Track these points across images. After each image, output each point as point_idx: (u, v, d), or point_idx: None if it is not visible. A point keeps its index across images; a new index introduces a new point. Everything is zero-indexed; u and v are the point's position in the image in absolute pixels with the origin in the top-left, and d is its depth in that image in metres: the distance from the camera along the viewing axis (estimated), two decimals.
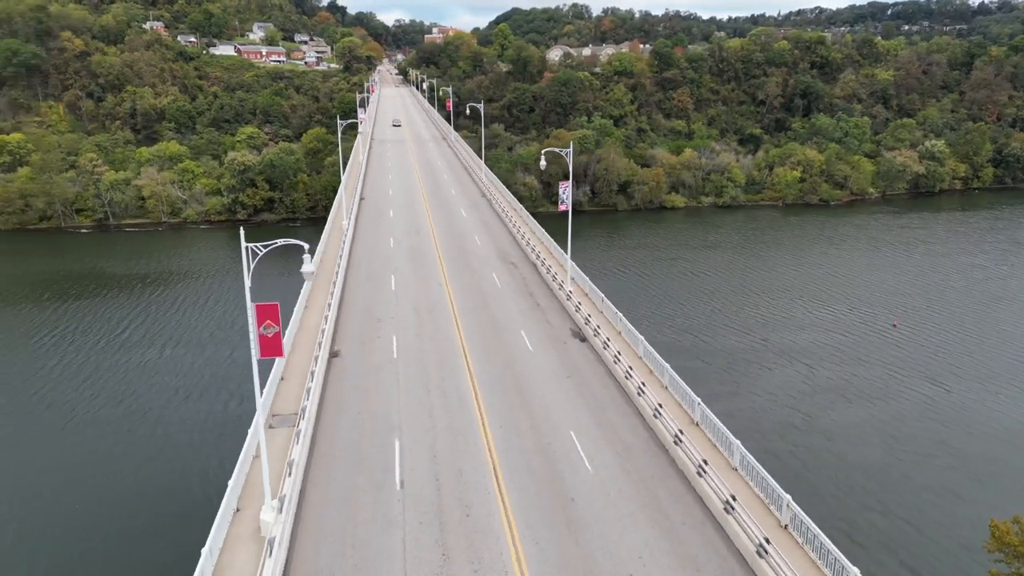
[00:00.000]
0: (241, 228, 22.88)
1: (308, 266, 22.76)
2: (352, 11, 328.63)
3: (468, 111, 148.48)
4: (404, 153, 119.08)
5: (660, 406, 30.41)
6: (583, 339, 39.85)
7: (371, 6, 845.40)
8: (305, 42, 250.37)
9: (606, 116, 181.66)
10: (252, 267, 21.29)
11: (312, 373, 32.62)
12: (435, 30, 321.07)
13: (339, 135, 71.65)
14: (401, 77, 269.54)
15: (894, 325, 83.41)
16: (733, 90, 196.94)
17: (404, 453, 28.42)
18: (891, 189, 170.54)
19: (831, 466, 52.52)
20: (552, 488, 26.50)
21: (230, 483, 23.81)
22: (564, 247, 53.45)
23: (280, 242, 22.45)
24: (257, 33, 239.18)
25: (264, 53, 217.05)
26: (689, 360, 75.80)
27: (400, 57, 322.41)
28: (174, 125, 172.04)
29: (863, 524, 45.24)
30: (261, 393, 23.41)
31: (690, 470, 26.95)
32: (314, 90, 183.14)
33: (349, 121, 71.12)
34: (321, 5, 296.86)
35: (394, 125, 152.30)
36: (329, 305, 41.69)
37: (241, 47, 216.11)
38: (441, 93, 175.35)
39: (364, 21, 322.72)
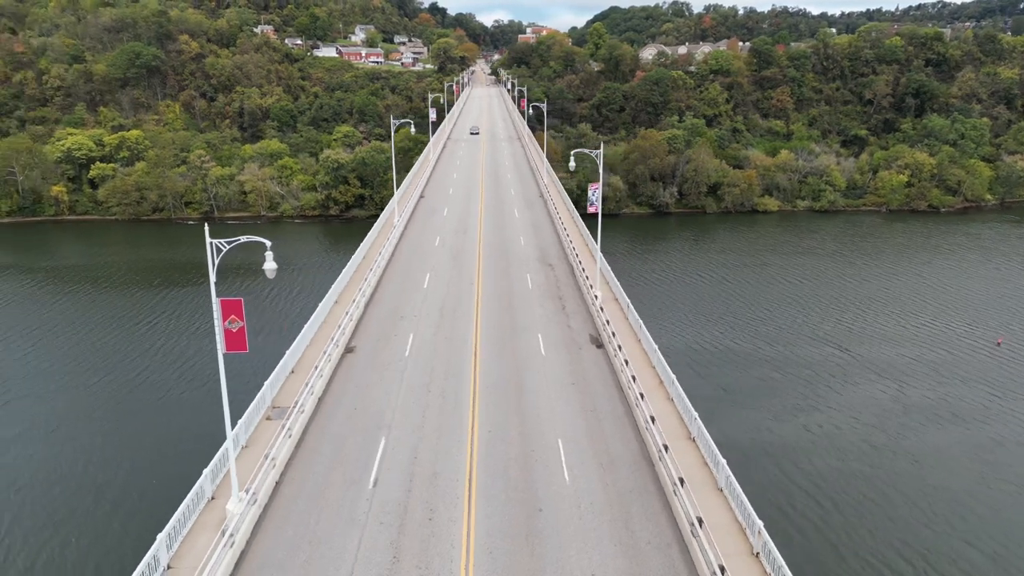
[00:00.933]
0: (205, 224, 23.70)
1: (270, 263, 23.37)
2: (454, 12, 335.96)
3: (532, 109, 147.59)
4: (475, 152, 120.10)
5: (652, 418, 29.23)
6: (599, 345, 38.86)
7: (474, 7, 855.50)
8: (403, 43, 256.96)
9: (699, 116, 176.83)
10: (217, 263, 22.00)
11: (316, 368, 33.42)
12: (529, 30, 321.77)
13: (392, 136, 72.94)
14: (493, 77, 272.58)
15: (998, 343, 77.17)
16: (838, 89, 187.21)
17: (386, 452, 28.62)
18: (1011, 196, 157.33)
19: (914, 490, 49.49)
20: (523, 497, 25.99)
21: (205, 471, 24.72)
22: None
23: (243, 239, 23.09)
24: (358, 35, 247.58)
25: (363, 54, 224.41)
26: (768, 370, 72.63)
27: (497, 57, 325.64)
28: (277, 124, 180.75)
29: (946, 551, 42.46)
30: (226, 386, 24.17)
31: (669, 488, 25.77)
32: (408, 90, 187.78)
33: (402, 122, 72.25)
34: (423, 7, 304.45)
35: (472, 133, 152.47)
36: (354, 301, 42.57)
37: (343, 49, 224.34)
38: (516, 93, 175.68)
39: (463, 22, 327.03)
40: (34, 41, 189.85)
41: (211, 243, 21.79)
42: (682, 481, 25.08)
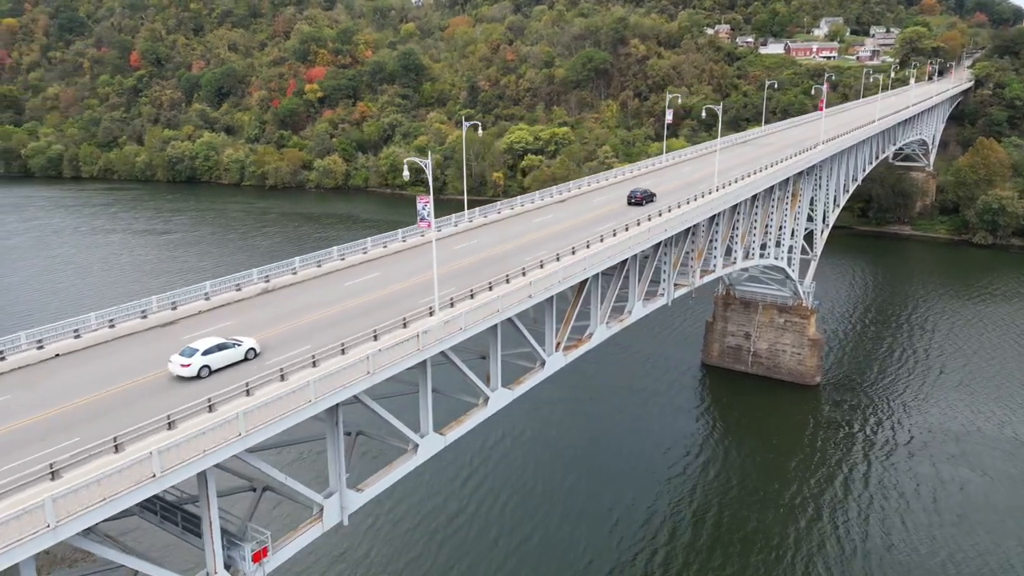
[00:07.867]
0: None
1: None
2: None
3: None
4: (759, 155, 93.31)
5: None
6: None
7: None
8: (873, 36, 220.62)
9: None
10: None
11: None
12: None
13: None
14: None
15: None
16: None
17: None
18: None
19: None
20: None
21: None
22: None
23: None
24: (822, 29, 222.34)
25: (813, 49, 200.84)
26: None
27: None
28: (696, 123, 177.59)
29: None
30: None
31: None
32: (847, 87, 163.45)
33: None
34: None
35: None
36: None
37: (792, 45, 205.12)
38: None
39: (987, 6, 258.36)
40: (523, 49, 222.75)
41: None
42: None
